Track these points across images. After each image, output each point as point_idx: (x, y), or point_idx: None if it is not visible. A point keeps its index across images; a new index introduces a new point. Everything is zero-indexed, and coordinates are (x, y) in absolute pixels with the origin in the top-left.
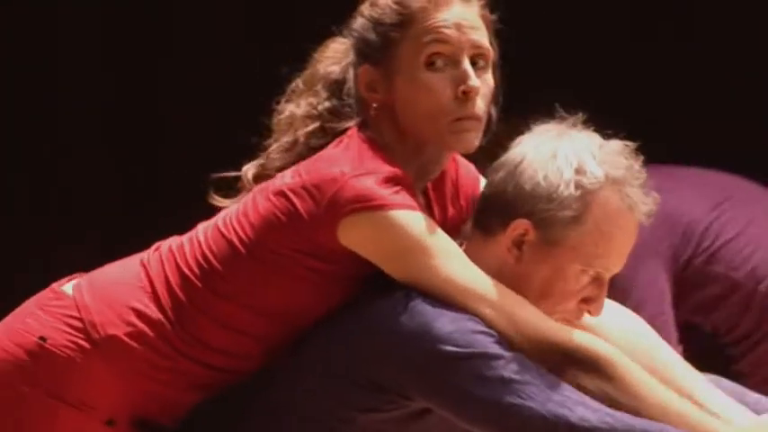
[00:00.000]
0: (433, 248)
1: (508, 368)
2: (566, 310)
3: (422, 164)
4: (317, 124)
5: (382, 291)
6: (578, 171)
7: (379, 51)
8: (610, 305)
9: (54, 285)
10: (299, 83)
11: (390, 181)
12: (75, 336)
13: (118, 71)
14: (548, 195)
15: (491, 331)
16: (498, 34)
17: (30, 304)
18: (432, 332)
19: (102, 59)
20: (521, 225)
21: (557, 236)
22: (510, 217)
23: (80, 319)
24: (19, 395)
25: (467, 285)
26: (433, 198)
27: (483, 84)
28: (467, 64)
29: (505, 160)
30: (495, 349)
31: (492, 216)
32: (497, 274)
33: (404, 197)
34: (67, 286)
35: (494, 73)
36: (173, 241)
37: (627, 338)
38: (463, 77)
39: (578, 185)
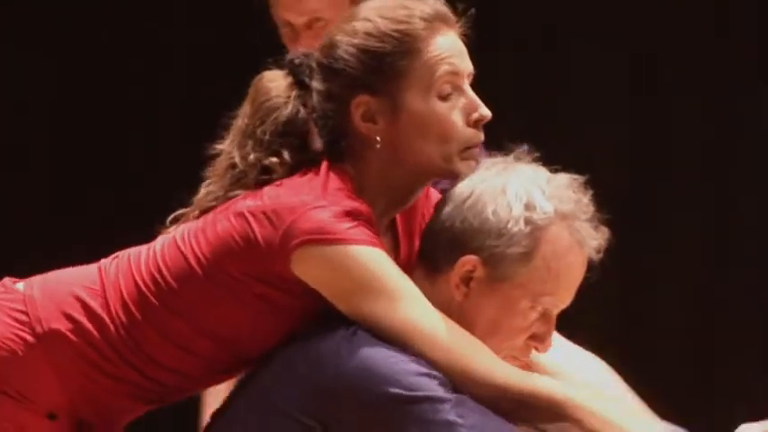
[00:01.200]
0: (388, 288)
1: (453, 411)
2: (513, 346)
3: (396, 196)
4: (261, 174)
5: (330, 325)
6: (528, 207)
7: (381, 80)
8: (572, 350)
9: (6, 280)
10: (240, 124)
11: (350, 215)
12: (19, 329)
13: None
14: (497, 231)
15: (436, 373)
16: None
17: None
18: (377, 372)
19: None
20: (469, 261)
21: (505, 272)
22: (458, 253)
23: (25, 313)
24: None
25: (420, 329)
26: (401, 229)
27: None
28: (471, 91)
29: (452, 194)
30: (440, 392)
31: (439, 251)
32: (444, 310)
33: (362, 232)
34: (20, 283)
35: None
36: (132, 250)
37: (589, 384)
38: (474, 106)
39: (528, 221)
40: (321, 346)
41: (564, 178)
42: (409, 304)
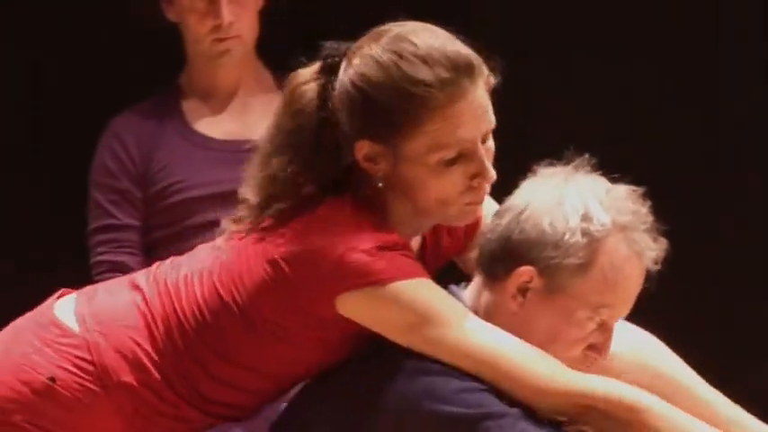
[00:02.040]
0: (438, 315)
1: (517, 426)
2: (571, 357)
3: (423, 222)
4: (283, 188)
5: (382, 353)
6: (585, 218)
7: (381, 132)
8: (624, 328)
9: (54, 317)
10: (278, 125)
11: (384, 249)
12: (87, 379)
13: None
14: (554, 243)
15: (490, 389)
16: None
17: (32, 336)
18: (436, 394)
19: None
20: (525, 272)
21: (562, 283)
22: (514, 264)
23: (92, 363)
24: (19, 430)
25: (478, 347)
26: (432, 243)
27: (488, 152)
28: (481, 153)
29: (510, 205)
30: (501, 408)
31: (496, 262)
32: (501, 321)
33: (401, 265)
34: (69, 318)
35: None
36: (169, 273)
37: (640, 361)
38: (479, 170)
39: (585, 233)
40: (378, 370)
41: (622, 189)
42: (461, 326)
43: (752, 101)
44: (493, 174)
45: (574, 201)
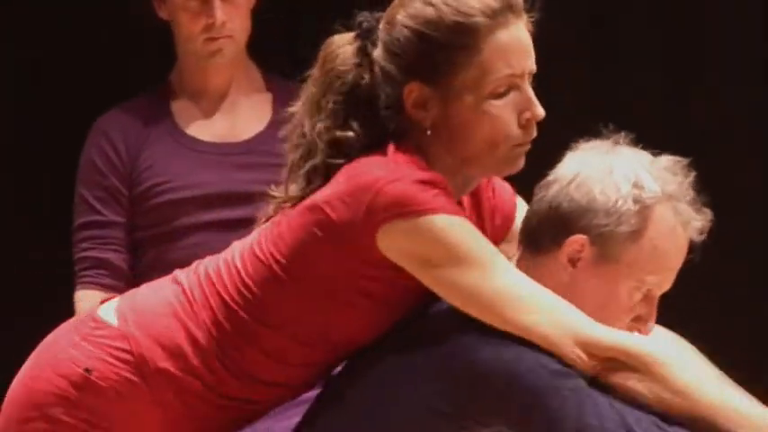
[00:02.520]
0: (477, 257)
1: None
2: (617, 328)
3: (461, 179)
4: (330, 148)
5: (438, 316)
6: (636, 185)
7: (435, 71)
8: (656, 330)
9: (92, 312)
10: (310, 90)
11: (429, 183)
12: (124, 368)
13: None
14: (605, 210)
15: (569, 370)
16: None
17: (71, 332)
18: (518, 375)
19: None
20: (577, 241)
21: (613, 252)
22: (565, 233)
23: (129, 352)
24: (62, 427)
25: (513, 297)
26: (470, 214)
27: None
28: (529, 89)
29: (556, 177)
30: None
31: (544, 233)
32: (551, 290)
33: (444, 201)
34: (109, 314)
35: None
36: (209, 264)
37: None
38: (528, 104)
39: (637, 200)
40: (438, 337)
41: (666, 160)
42: (500, 272)
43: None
44: (541, 111)
45: (624, 169)
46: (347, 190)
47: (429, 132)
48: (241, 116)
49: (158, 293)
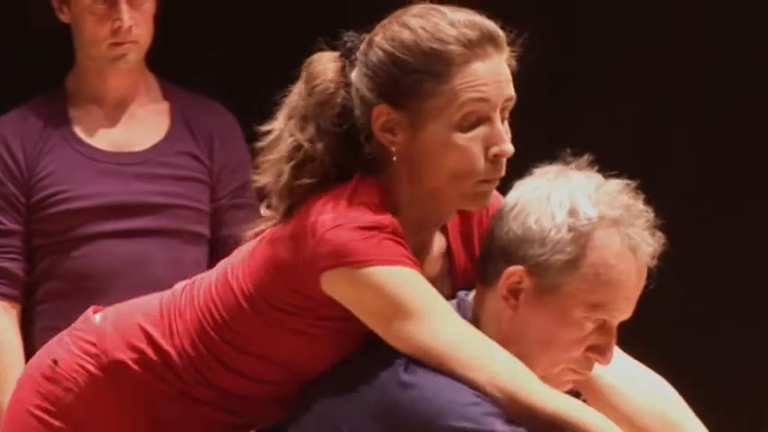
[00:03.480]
0: (414, 309)
1: None
2: (571, 359)
3: (430, 210)
4: (301, 164)
5: (385, 348)
6: (571, 213)
7: (404, 95)
8: (633, 367)
9: (89, 311)
10: (290, 103)
11: (373, 229)
12: (86, 360)
13: None
14: (540, 239)
15: (496, 410)
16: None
17: (65, 331)
18: (437, 404)
19: None
20: (515, 272)
21: (552, 282)
22: (504, 264)
23: (94, 345)
24: (31, 416)
25: (448, 351)
26: (458, 239)
27: (505, 132)
28: (499, 123)
29: (503, 205)
30: (505, 428)
31: (489, 264)
32: (497, 325)
33: (383, 249)
34: (99, 314)
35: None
36: (202, 278)
37: (646, 406)
38: (497, 139)
39: (571, 228)
40: (378, 371)
41: (615, 183)
42: (438, 323)
43: None
44: (510, 147)
45: (561, 195)
46: (295, 230)
47: (395, 159)
48: (139, 125)
49: (147, 299)
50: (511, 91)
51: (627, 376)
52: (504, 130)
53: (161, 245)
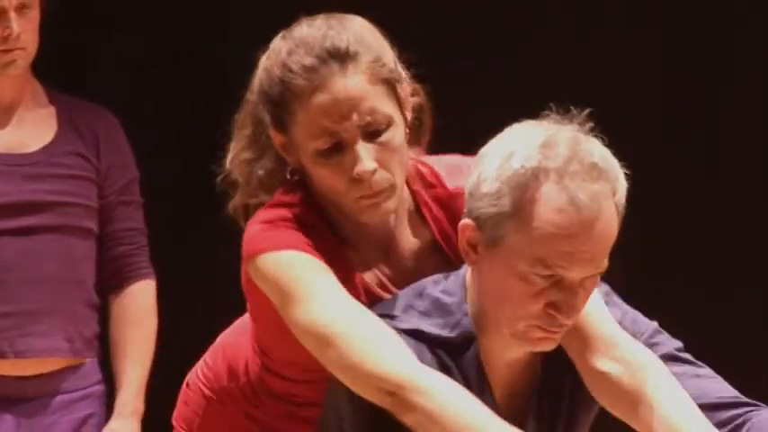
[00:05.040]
0: (296, 291)
1: None
2: (530, 315)
3: (349, 216)
4: (255, 182)
5: None
6: (508, 164)
7: (278, 122)
8: (621, 336)
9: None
10: (240, 119)
11: (272, 222)
12: (203, 384)
13: None
14: (480, 192)
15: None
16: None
17: None
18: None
19: None
20: (466, 226)
21: (495, 235)
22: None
23: (211, 370)
24: None
25: (317, 333)
26: (446, 226)
27: (384, 150)
28: (358, 146)
29: None
30: None
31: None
32: (472, 283)
33: (275, 236)
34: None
35: (406, 120)
36: None
37: (625, 374)
38: (352, 162)
39: (506, 180)
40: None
41: (566, 132)
42: (312, 306)
43: None
44: (366, 166)
45: (504, 147)
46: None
47: (289, 177)
48: (29, 128)
49: (240, 324)
50: (367, 107)
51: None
52: (364, 149)
53: (53, 241)
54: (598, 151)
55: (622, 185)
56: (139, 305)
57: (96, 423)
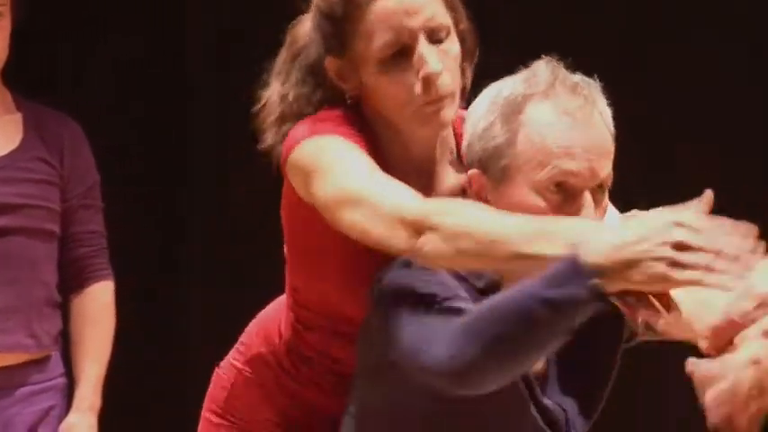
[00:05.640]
0: (325, 165)
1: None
2: None
3: (403, 138)
4: (288, 111)
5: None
6: (494, 100)
7: (337, 45)
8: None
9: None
10: (276, 65)
11: (317, 120)
12: (236, 359)
13: None
14: (477, 136)
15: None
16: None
17: None
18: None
19: None
20: (471, 176)
21: (499, 167)
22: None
23: (243, 343)
24: (204, 419)
25: (340, 198)
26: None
27: (445, 57)
28: (423, 47)
29: None
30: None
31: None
32: None
33: (320, 128)
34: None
35: (460, 36)
36: None
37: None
38: (419, 64)
39: (498, 112)
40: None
41: (545, 63)
42: (338, 176)
43: None
44: (432, 67)
45: (488, 92)
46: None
47: (349, 101)
48: None
49: (279, 301)
50: (429, 15)
51: None
52: (429, 51)
53: (18, 241)
54: (578, 76)
55: (605, 104)
56: (98, 305)
57: (57, 414)
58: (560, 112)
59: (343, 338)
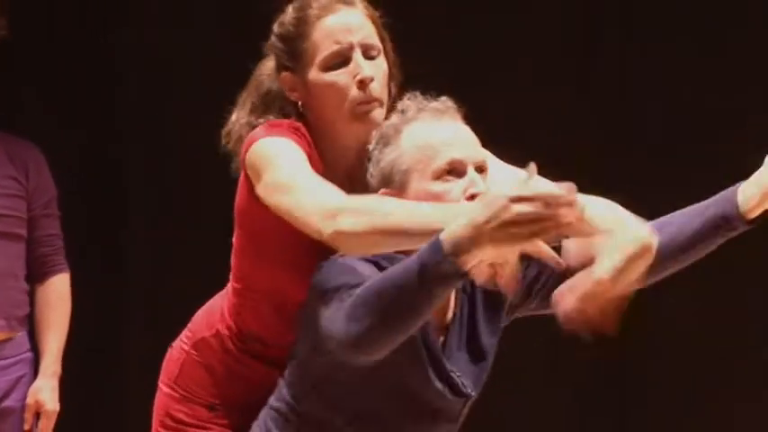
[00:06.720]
0: (271, 158)
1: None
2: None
3: (340, 139)
4: (244, 132)
5: None
6: (377, 137)
7: (291, 60)
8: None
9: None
10: (240, 97)
11: (272, 126)
12: (184, 343)
13: None
14: (372, 164)
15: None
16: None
17: None
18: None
19: None
20: (384, 195)
21: (400, 175)
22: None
23: (190, 330)
24: (159, 390)
25: (279, 185)
26: None
27: (377, 69)
28: (359, 57)
29: None
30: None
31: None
32: None
33: (273, 131)
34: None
35: (388, 59)
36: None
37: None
38: (357, 70)
39: (382, 142)
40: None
41: (407, 99)
42: (281, 167)
43: None
44: (367, 72)
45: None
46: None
47: (300, 107)
48: None
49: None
50: (365, 34)
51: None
52: (364, 62)
53: None
54: (441, 102)
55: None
56: (57, 293)
57: (26, 381)
58: (432, 120)
59: (288, 322)
